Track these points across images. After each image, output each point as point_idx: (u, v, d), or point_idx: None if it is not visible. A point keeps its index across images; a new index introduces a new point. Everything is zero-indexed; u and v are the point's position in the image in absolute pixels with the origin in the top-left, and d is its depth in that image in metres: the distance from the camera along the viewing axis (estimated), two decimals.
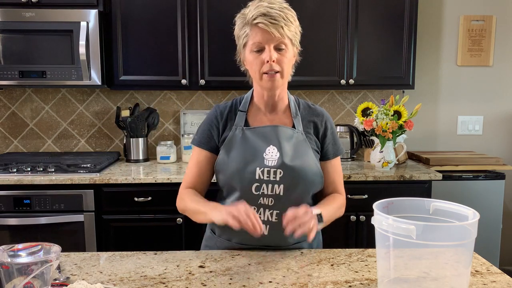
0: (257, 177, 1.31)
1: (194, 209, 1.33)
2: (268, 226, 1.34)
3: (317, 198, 1.46)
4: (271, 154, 1.32)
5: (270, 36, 1.26)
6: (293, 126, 1.38)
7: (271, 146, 1.33)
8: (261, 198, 1.33)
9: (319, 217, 1.24)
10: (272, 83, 1.30)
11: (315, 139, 1.40)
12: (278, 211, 1.33)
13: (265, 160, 1.32)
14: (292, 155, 1.33)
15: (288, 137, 1.35)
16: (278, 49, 1.28)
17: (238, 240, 1.37)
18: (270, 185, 1.32)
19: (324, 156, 1.42)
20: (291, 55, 1.32)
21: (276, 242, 1.36)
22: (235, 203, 1.20)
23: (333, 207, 1.36)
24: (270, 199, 1.33)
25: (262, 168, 1.31)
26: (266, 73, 1.29)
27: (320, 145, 1.41)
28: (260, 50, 1.28)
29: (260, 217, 1.33)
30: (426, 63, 3.02)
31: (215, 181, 1.44)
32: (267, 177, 1.31)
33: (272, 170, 1.31)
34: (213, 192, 1.47)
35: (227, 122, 1.40)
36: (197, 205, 1.32)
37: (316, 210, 1.25)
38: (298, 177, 1.32)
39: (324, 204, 1.36)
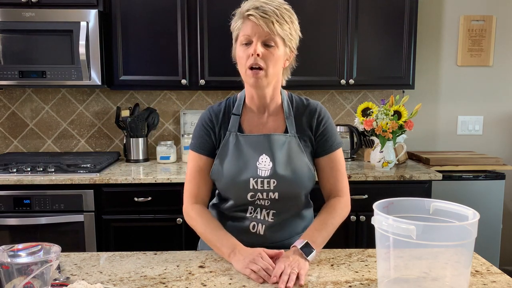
0: (251, 187, 1.31)
1: (207, 238, 1.31)
2: (264, 225, 1.35)
3: (311, 195, 1.45)
4: (264, 164, 1.31)
5: (258, 30, 1.23)
6: (286, 128, 1.36)
7: (263, 155, 1.32)
8: (257, 201, 1.34)
9: (306, 249, 1.20)
10: (256, 80, 1.27)
11: (309, 135, 1.37)
12: (274, 211, 1.34)
13: (258, 170, 1.31)
14: (285, 163, 1.32)
15: (281, 144, 1.33)
16: (266, 45, 1.25)
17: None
18: (265, 193, 1.32)
19: (318, 152, 1.39)
20: (280, 54, 1.28)
21: (272, 241, 1.36)
22: (252, 252, 1.19)
23: (327, 226, 1.31)
24: (266, 201, 1.33)
25: (256, 179, 1.31)
26: (251, 69, 1.26)
27: (314, 140, 1.38)
28: (249, 44, 1.26)
29: (256, 216, 1.34)
30: (426, 63, 3.02)
31: None
32: (261, 186, 1.31)
33: (265, 180, 1.31)
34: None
35: (222, 126, 1.38)
36: (211, 236, 1.29)
37: (300, 242, 1.22)
38: (291, 185, 1.32)
39: (314, 228, 1.31)
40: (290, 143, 1.34)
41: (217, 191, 1.45)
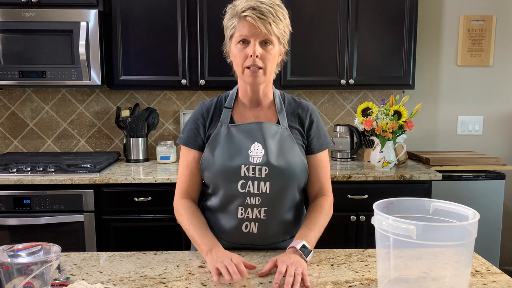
0: (242, 174, 1.30)
1: (190, 234, 1.31)
2: (256, 223, 1.33)
3: (305, 193, 1.44)
4: (256, 151, 1.31)
5: (256, 31, 1.24)
6: (278, 122, 1.37)
7: (256, 143, 1.32)
8: (248, 198, 1.31)
9: (304, 250, 1.21)
10: (254, 78, 1.29)
11: (300, 132, 1.38)
12: (266, 208, 1.32)
13: (250, 157, 1.31)
14: (277, 151, 1.32)
15: (273, 133, 1.34)
16: (263, 44, 1.27)
17: (227, 239, 1.36)
18: (256, 183, 1.30)
19: (309, 150, 1.39)
20: (276, 52, 1.30)
21: (265, 239, 1.35)
22: (226, 254, 1.18)
23: (318, 226, 1.32)
24: (257, 198, 1.31)
25: (247, 165, 1.30)
26: (248, 68, 1.27)
27: (306, 137, 1.39)
28: (245, 43, 1.27)
29: (248, 216, 1.32)
30: (426, 63, 3.02)
31: None
32: (252, 174, 1.30)
33: (257, 167, 1.30)
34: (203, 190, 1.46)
35: (212, 119, 1.39)
36: (194, 233, 1.30)
37: (298, 242, 1.22)
38: (283, 174, 1.31)
39: (308, 227, 1.31)
40: (282, 134, 1.35)
41: (206, 191, 1.43)
